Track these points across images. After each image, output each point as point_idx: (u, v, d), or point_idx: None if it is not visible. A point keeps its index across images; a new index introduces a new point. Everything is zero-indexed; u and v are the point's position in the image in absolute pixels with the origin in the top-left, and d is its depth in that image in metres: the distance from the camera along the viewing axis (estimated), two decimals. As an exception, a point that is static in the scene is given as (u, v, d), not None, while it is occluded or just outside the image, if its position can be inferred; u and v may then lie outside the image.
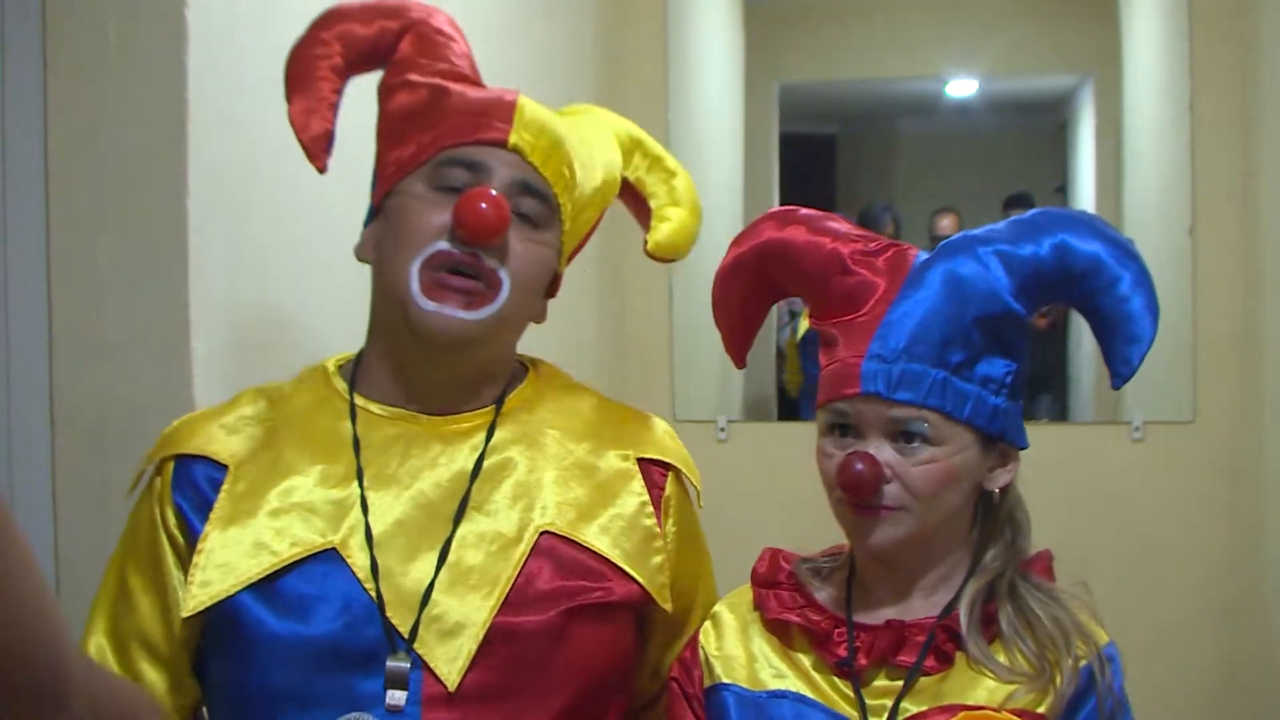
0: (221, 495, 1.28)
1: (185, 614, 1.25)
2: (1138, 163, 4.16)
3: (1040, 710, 1.27)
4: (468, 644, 1.23)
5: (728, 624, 1.40)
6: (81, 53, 1.59)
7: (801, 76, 4.65)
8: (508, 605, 1.26)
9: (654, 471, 1.41)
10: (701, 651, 1.39)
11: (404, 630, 1.24)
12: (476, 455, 1.32)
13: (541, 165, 1.34)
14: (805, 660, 1.35)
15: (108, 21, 1.58)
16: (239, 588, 1.24)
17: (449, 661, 1.23)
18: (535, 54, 3.03)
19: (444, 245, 1.28)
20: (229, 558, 1.25)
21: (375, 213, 1.37)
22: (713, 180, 4.38)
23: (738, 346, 1.50)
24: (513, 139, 1.32)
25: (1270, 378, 3.45)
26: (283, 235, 1.79)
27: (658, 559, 1.37)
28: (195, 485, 1.30)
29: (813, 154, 5.03)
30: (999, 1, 4.57)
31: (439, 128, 1.32)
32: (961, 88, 4.84)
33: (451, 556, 1.27)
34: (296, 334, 1.79)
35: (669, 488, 1.41)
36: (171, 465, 1.32)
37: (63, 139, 1.60)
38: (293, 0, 1.66)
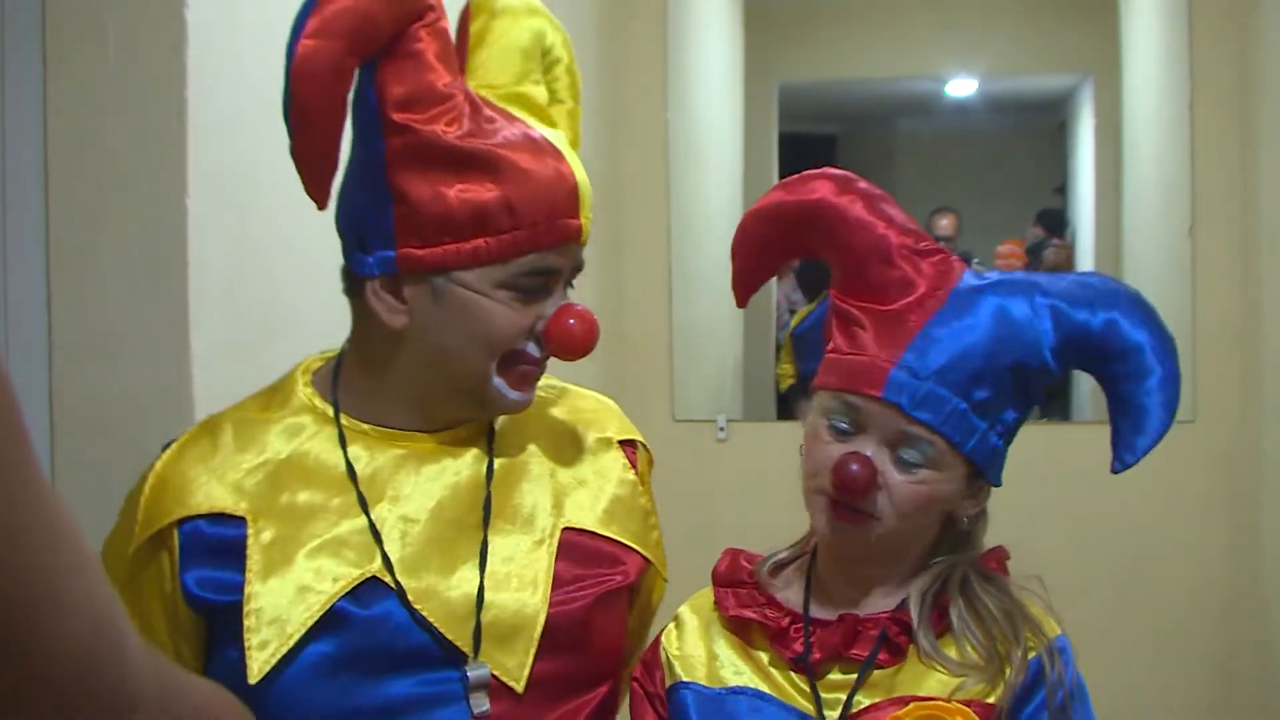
0: (250, 549, 1.24)
1: (254, 680, 1.21)
2: (1137, 162, 4.17)
3: (990, 701, 1.27)
4: (525, 643, 1.27)
5: (689, 625, 1.42)
6: (81, 53, 1.59)
7: (801, 76, 4.65)
8: (552, 601, 1.30)
9: (627, 450, 1.44)
10: (663, 652, 1.41)
11: (464, 644, 1.25)
12: (484, 462, 1.34)
13: (589, 235, 1.34)
14: (763, 657, 1.36)
15: (108, 21, 1.59)
16: (296, 638, 1.22)
17: (516, 665, 1.26)
18: (535, 54, 3.03)
19: (528, 348, 1.30)
20: (278, 612, 1.23)
21: (393, 265, 1.27)
22: (712, 180, 4.38)
23: (746, 288, 1.48)
24: (584, 229, 1.32)
25: (1269, 377, 3.46)
26: (283, 235, 1.79)
27: (655, 534, 1.43)
28: (209, 548, 1.26)
29: (812, 154, 5.03)
30: (999, 1, 4.58)
31: (514, 229, 1.26)
32: (961, 87, 4.84)
33: (488, 564, 1.29)
34: (296, 333, 1.79)
35: (640, 464, 1.45)
36: (176, 534, 1.26)
37: (63, 139, 1.60)
38: (292, 1, 1.66)
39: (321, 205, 1.31)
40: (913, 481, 1.30)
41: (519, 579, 1.29)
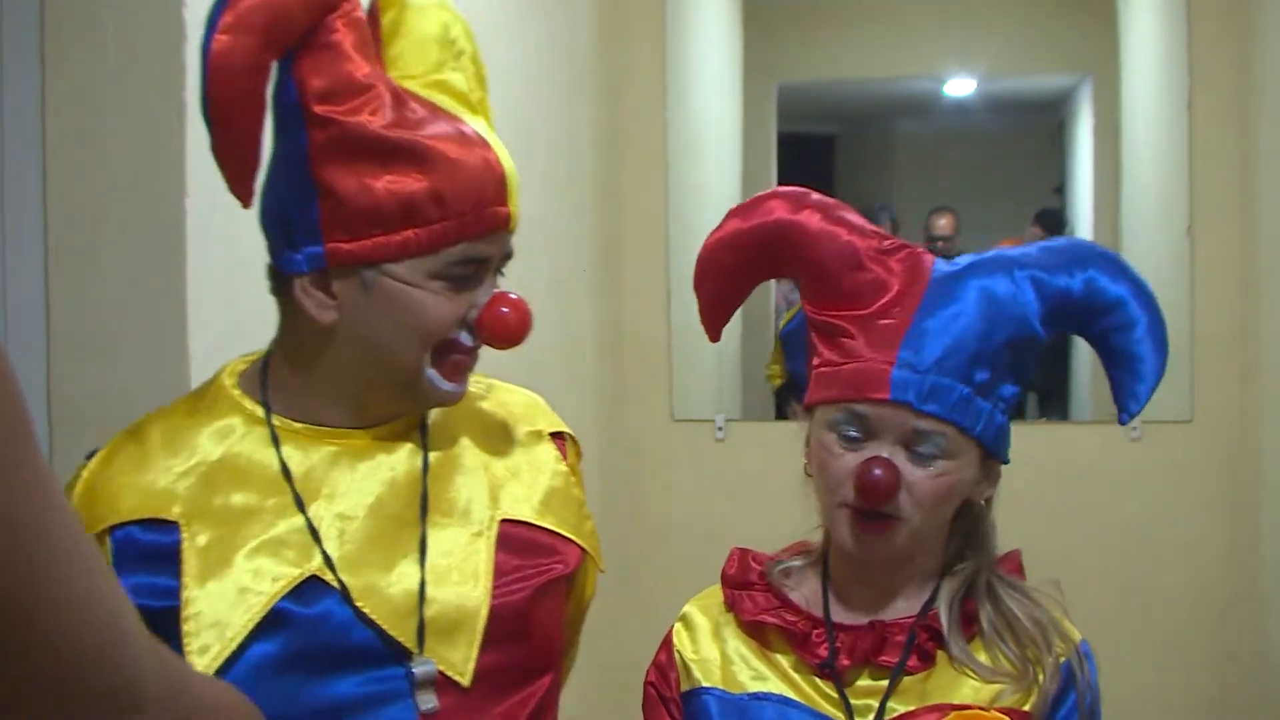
0: (185, 553, 1.23)
1: None
2: (1136, 162, 4.17)
3: (1026, 708, 1.28)
4: (469, 635, 1.26)
5: (700, 626, 1.41)
6: (80, 53, 1.59)
7: (800, 76, 4.66)
8: (494, 592, 1.29)
9: (557, 443, 1.43)
10: (678, 655, 1.40)
11: (407, 640, 1.25)
12: (419, 457, 1.33)
13: (518, 225, 1.33)
14: (784, 661, 1.36)
15: (106, 21, 1.58)
16: (238, 640, 1.21)
17: (461, 659, 1.26)
18: (534, 54, 3.03)
19: (461, 338, 1.29)
20: (218, 615, 1.22)
21: (322, 260, 1.25)
22: (711, 180, 4.38)
23: (716, 320, 1.48)
24: (513, 216, 1.31)
25: (1268, 377, 3.46)
26: (281, 235, 1.79)
27: (589, 524, 1.41)
28: (143, 554, 1.24)
29: (811, 153, 5.04)
30: (997, 1, 4.58)
31: (443, 219, 1.25)
32: (960, 87, 4.84)
33: (428, 559, 1.28)
34: (295, 333, 1.79)
35: (570, 456, 1.44)
36: (109, 541, 1.24)
37: (61, 139, 1.60)
38: (291, 0, 1.65)
39: (246, 203, 1.29)
40: (932, 475, 1.30)
41: (459, 572, 1.28)
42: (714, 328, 1.48)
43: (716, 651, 1.38)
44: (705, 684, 1.37)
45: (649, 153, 4.08)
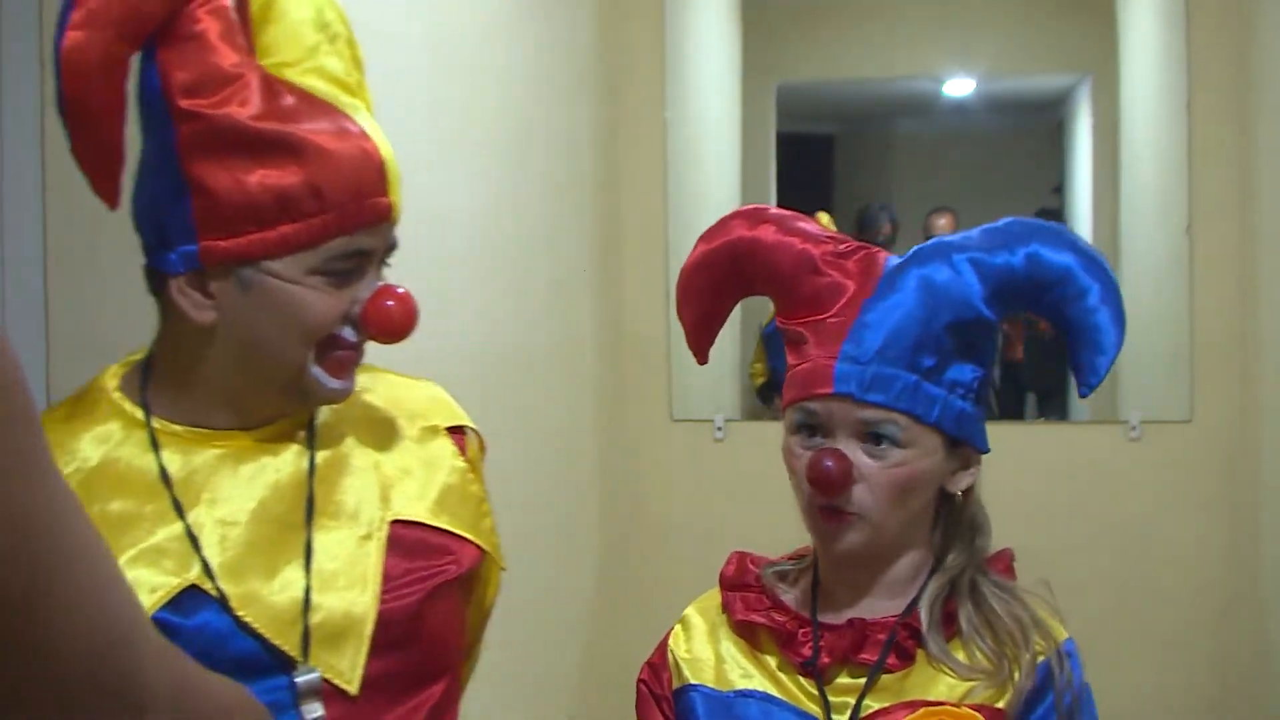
0: None
1: None
2: (1135, 162, 4.17)
3: (999, 705, 1.29)
4: (356, 642, 1.23)
5: (697, 627, 1.43)
6: (79, 52, 1.59)
7: (799, 76, 4.65)
8: (383, 597, 1.25)
9: (456, 438, 1.40)
10: (670, 654, 1.42)
11: (292, 649, 1.21)
12: (305, 458, 1.29)
13: (400, 215, 1.29)
14: (771, 661, 1.37)
15: (106, 21, 1.58)
16: None
17: (348, 667, 1.22)
18: (534, 54, 3.03)
19: (344, 334, 1.25)
20: None
21: (196, 260, 1.22)
22: (710, 180, 4.38)
23: (701, 342, 1.51)
24: (394, 207, 1.27)
25: (1267, 377, 3.46)
26: (281, 235, 1.79)
27: (487, 522, 1.38)
28: None
29: (810, 154, 5.03)
30: (997, 1, 4.58)
31: (321, 213, 1.22)
32: (959, 87, 4.84)
33: (314, 563, 1.25)
34: (295, 333, 1.79)
35: (470, 451, 1.40)
36: None
37: (61, 138, 1.59)
38: None
39: (112, 204, 1.27)
40: (888, 466, 1.31)
41: (347, 577, 1.25)
42: (700, 350, 1.51)
43: (710, 652, 1.40)
44: (693, 681, 1.38)
45: (649, 153, 4.08)
